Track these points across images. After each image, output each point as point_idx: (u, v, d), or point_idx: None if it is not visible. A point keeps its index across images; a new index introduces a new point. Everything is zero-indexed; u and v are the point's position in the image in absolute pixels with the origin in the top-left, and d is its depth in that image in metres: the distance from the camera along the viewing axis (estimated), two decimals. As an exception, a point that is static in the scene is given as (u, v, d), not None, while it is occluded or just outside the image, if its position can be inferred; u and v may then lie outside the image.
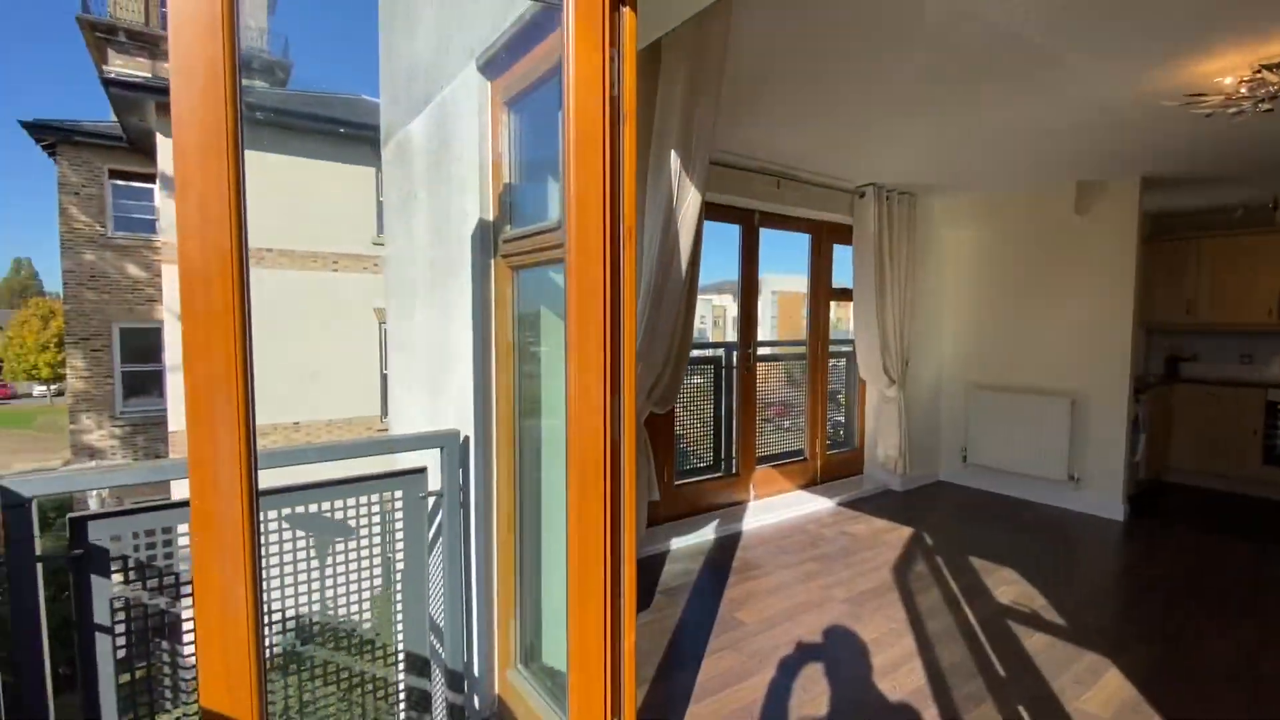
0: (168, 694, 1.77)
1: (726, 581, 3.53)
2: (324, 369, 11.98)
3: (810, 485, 5.23)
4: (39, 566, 1.52)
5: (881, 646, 2.72)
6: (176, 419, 11.02)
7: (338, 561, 1.97)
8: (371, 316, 12.35)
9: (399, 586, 2.08)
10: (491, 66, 2.00)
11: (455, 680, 2.14)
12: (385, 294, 3.03)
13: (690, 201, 1.99)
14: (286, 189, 11.79)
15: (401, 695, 2.06)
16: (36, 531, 1.53)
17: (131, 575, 1.64)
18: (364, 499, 1.97)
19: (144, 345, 13.68)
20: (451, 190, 2.26)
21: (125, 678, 1.65)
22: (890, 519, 4.62)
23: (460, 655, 2.15)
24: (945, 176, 4.71)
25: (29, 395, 53.48)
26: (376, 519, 2.01)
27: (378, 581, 2.05)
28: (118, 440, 13.42)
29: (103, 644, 1.60)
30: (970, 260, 5.51)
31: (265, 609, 1.75)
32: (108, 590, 1.60)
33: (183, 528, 1.69)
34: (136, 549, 1.63)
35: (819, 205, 4.80)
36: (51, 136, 12.81)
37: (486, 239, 2.07)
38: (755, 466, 4.89)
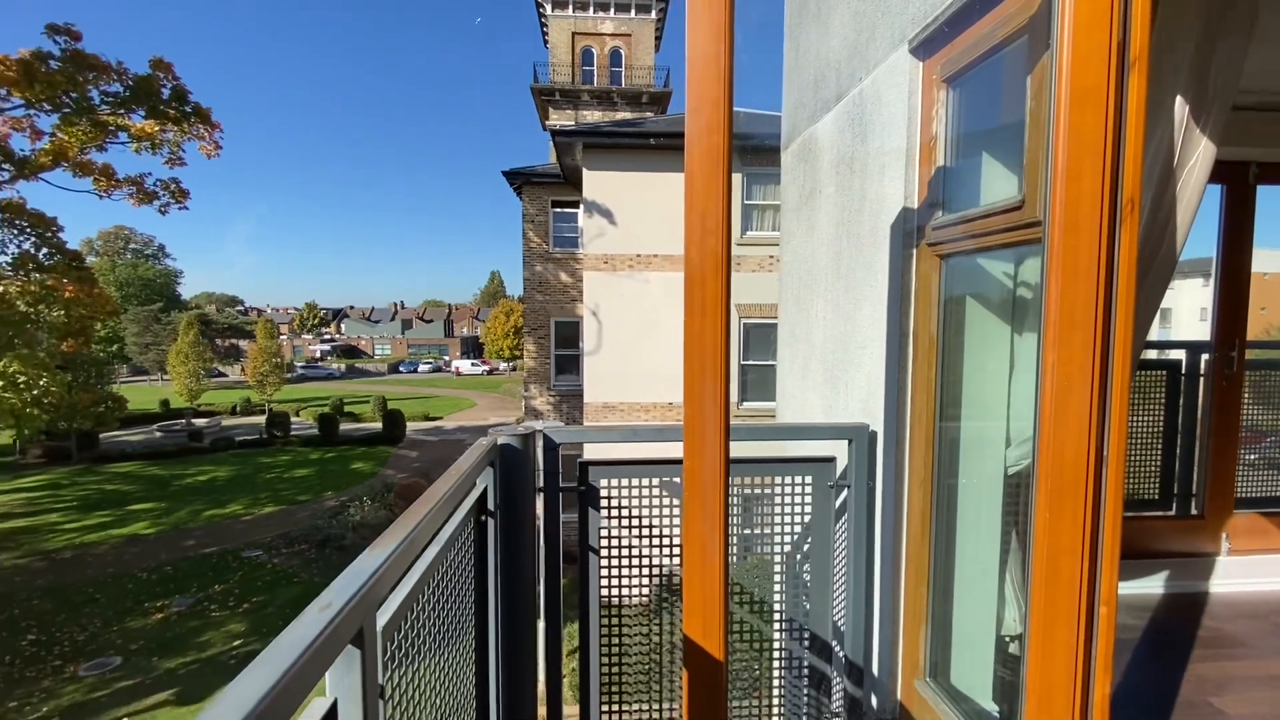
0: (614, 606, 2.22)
1: (1190, 653, 2.70)
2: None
3: (1338, 551, 3.59)
4: (559, 494, 2.07)
5: None
6: (590, 392, 13.91)
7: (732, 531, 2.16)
8: (733, 311, 13.35)
9: (806, 568, 2.17)
10: (926, 46, 1.89)
11: (854, 673, 2.14)
12: (779, 289, 3.21)
13: (1200, 160, 1.53)
14: (666, 202, 13.61)
15: (805, 672, 2.16)
16: (560, 467, 2.09)
17: (612, 512, 2.10)
18: (779, 478, 2.12)
19: (570, 335, 17.63)
20: (867, 181, 2.24)
21: (604, 590, 2.14)
22: None
23: (860, 650, 2.14)
24: None
25: (497, 369, 74.37)
26: (788, 500, 2.14)
27: (774, 553, 2.18)
28: (551, 405, 17.61)
29: (593, 561, 2.10)
30: None
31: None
32: (599, 520, 2.09)
33: (644, 480, 2.09)
34: (618, 492, 2.08)
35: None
36: (519, 180, 17.40)
37: (909, 226, 1.98)
38: (1233, 511, 3.60)
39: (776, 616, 2.20)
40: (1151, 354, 4.22)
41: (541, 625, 2.10)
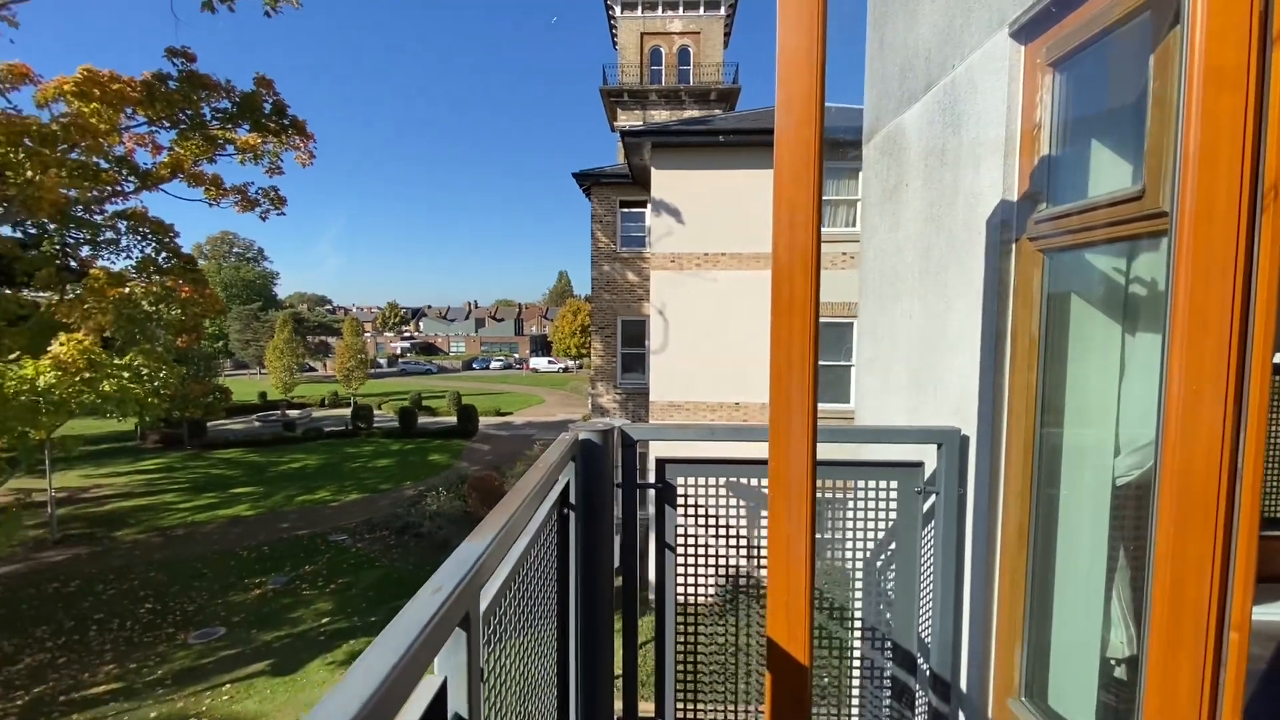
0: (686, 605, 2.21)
1: (1331, 693, 2.42)
2: (760, 357, 13.27)
3: None
4: (636, 491, 2.10)
5: None
6: (655, 391, 13.96)
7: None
8: (805, 310, 13.03)
9: (887, 575, 2.10)
10: (1029, 29, 1.79)
11: (940, 687, 2.06)
12: (859, 287, 3.11)
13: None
14: (735, 200, 13.44)
15: (887, 683, 2.09)
16: (637, 464, 2.11)
17: (688, 510, 2.10)
18: (858, 482, 2.06)
19: (636, 334, 17.75)
20: (960, 173, 2.13)
21: (680, 587, 2.14)
22: None
23: (947, 664, 2.05)
24: None
25: (565, 368, 75.88)
26: (869, 505, 2.07)
27: (854, 559, 2.12)
28: (617, 404, 17.80)
29: (670, 558, 2.11)
30: None
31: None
32: (675, 518, 2.10)
33: (721, 480, 2.08)
34: (693, 490, 2.08)
35: None
36: (589, 181, 17.66)
37: (1007, 220, 1.88)
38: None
39: (856, 624, 2.14)
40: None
41: (617, 621, 2.14)
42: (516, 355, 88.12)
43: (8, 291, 15.04)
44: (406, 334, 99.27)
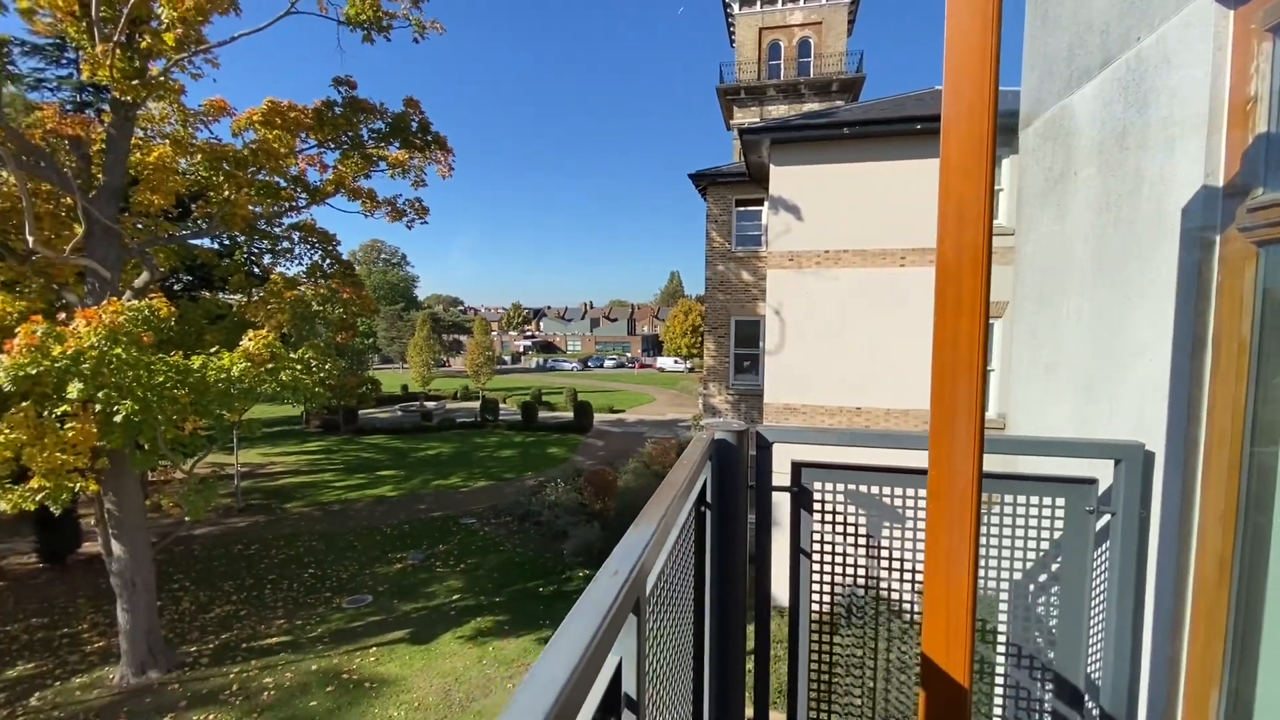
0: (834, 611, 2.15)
1: None
2: (884, 360, 12.58)
3: None
4: (770, 494, 2.08)
5: None
6: (770, 393, 13.66)
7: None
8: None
9: (1049, 601, 1.92)
10: (1244, -14, 1.55)
11: (1114, 731, 1.85)
12: (1014, 285, 2.86)
13: None
14: (858, 195, 12.81)
15: (1046, 717, 1.92)
16: (771, 466, 2.10)
17: (824, 516, 2.05)
18: (1012, 497, 1.90)
19: (749, 334, 17.49)
20: (1145, 157, 1.90)
21: (815, 597, 2.10)
22: None
23: (1122, 707, 1.84)
24: None
25: (691, 368, 76.30)
26: (1028, 521, 1.91)
27: (1006, 578, 1.95)
28: (729, 405, 17.64)
29: (804, 565, 2.08)
30: None
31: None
32: (811, 524, 2.06)
33: (861, 487, 2.01)
34: (832, 497, 2.03)
35: None
36: (704, 181, 17.64)
37: (1209, 209, 1.65)
38: None
39: (1013, 651, 1.98)
40: None
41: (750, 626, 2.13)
42: (629, 354, 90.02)
43: (207, 295, 17.78)
44: (528, 333, 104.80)
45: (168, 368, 8.90)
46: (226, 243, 17.78)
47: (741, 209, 17.59)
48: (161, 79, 10.49)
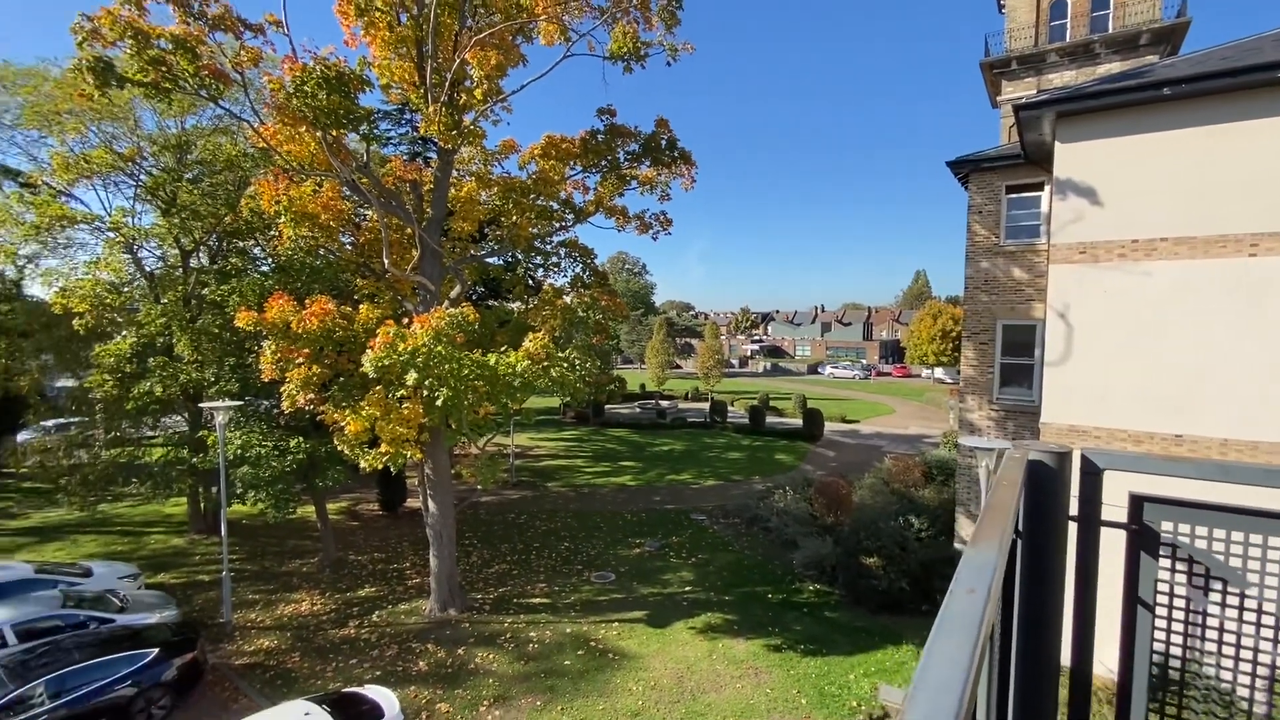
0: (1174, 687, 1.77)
1: None
2: (1219, 376, 9.80)
3: None
4: (1099, 529, 1.79)
5: None
6: (1049, 411, 11.59)
7: None
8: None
9: None
10: None
11: None
12: None
13: None
14: (1182, 168, 10.18)
15: None
16: (1100, 497, 1.81)
17: (1178, 564, 1.70)
18: None
19: (1020, 341, 15.07)
20: None
21: (1157, 658, 1.75)
22: None
23: None
24: None
25: (918, 375, 69.45)
26: None
27: None
28: (992, 422, 15.42)
29: (1142, 618, 1.75)
30: None
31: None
32: (1154, 570, 1.73)
33: (1236, 534, 1.63)
34: (1189, 540, 1.67)
35: None
36: (966, 168, 15.71)
37: None
38: None
39: None
40: None
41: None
42: (864, 360, 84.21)
43: (494, 303, 21.32)
44: (756, 337, 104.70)
45: (472, 363, 10.93)
46: (510, 259, 21.15)
47: (1013, 196, 15.25)
48: (471, 127, 12.91)
